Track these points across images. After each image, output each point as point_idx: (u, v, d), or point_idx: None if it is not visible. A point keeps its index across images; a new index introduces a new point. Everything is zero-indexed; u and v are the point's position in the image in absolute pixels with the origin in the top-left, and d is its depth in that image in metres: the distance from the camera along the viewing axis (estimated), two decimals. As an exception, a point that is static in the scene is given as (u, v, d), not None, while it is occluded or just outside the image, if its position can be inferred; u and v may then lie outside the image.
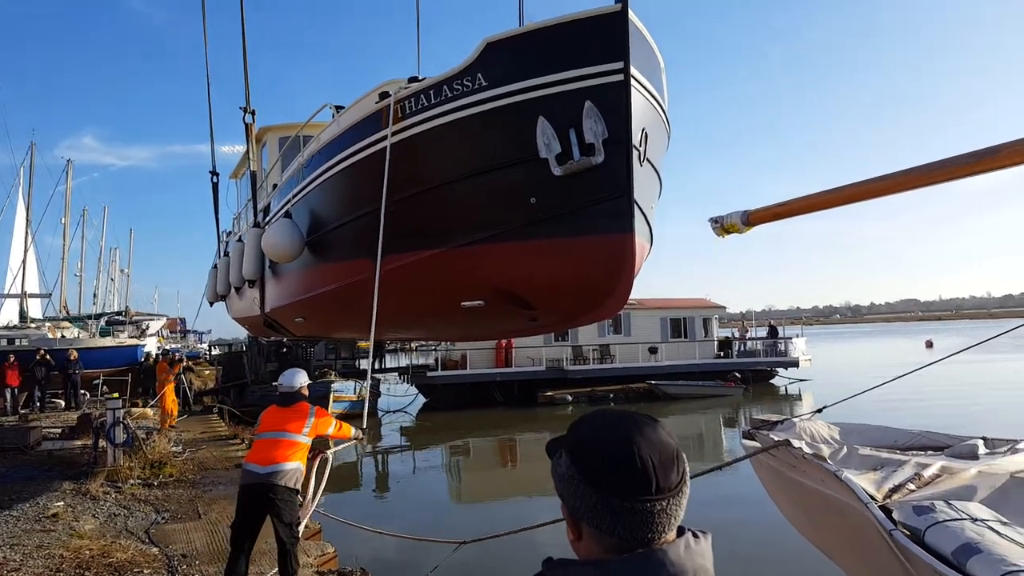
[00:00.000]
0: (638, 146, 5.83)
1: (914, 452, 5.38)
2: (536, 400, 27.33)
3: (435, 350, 30.23)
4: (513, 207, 6.24)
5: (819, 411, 6.45)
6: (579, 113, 5.65)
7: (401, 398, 28.51)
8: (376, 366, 30.69)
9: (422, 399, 29.10)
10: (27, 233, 35.11)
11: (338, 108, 9.36)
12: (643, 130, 5.87)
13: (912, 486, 4.34)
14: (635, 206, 5.91)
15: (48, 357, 21.57)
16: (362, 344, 29.83)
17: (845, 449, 5.23)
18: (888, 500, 4.17)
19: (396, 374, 31.67)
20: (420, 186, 6.76)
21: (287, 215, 10.06)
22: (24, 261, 33.54)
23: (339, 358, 31.23)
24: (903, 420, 7.51)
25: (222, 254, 13.69)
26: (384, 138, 6.96)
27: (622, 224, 5.89)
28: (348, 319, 10.56)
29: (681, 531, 1.13)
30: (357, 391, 24.82)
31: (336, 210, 8.60)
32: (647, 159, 6.09)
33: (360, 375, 28.24)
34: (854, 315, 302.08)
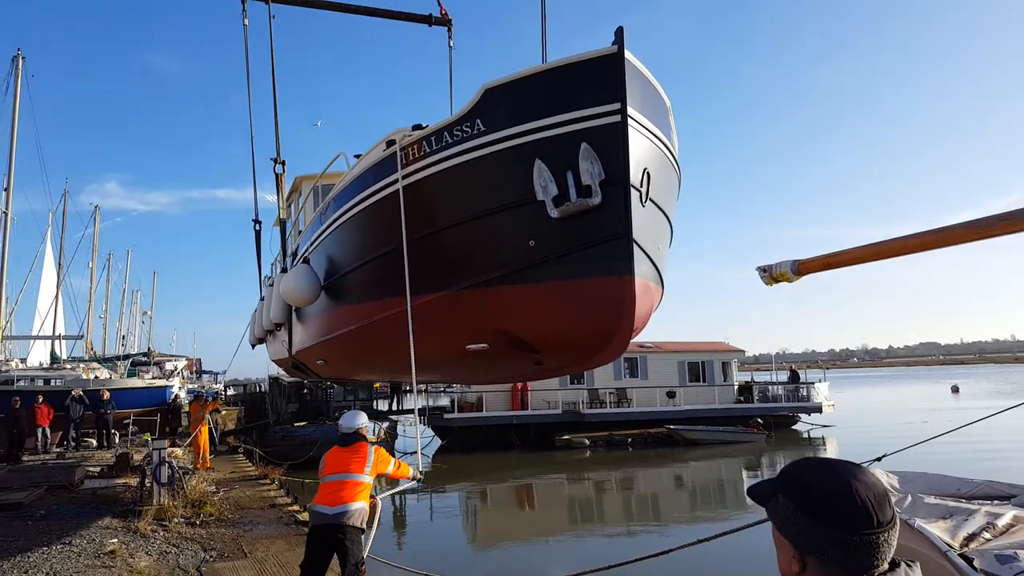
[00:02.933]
0: (639, 187, 5.82)
1: (980, 501, 5.49)
2: (553, 444, 27.29)
3: (445, 391, 30.21)
4: (513, 250, 6.28)
5: (878, 459, 6.52)
6: (575, 155, 5.69)
7: (420, 439, 28.51)
8: (393, 407, 30.88)
9: (438, 441, 29.15)
10: (58, 276, 35.91)
11: (357, 157, 9.53)
12: (645, 171, 5.87)
13: (987, 535, 4.47)
14: (636, 248, 5.89)
15: (83, 396, 22.01)
16: (377, 385, 30.03)
17: (910, 498, 5.29)
18: (966, 549, 4.30)
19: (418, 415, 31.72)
20: (423, 230, 6.86)
21: (305, 261, 10.47)
22: (56, 303, 34.25)
23: (357, 399, 31.38)
24: (949, 468, 7.63)
25: (260, 298, 14.13)
26: (390, 184, 7.16)
27: (621, 266, 5.86)
28: (364, 361, 10.81)
29: (895, 563, 1.27)
30: (376, 432, 24.96)
31: (348, 255, 8.81)
32: (651, 200, 6.07)
33: (378, 416, 28.44)
34: (872, 359, 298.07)
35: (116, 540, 9.05)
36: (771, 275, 4.90)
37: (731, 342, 34.68)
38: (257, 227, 13.80)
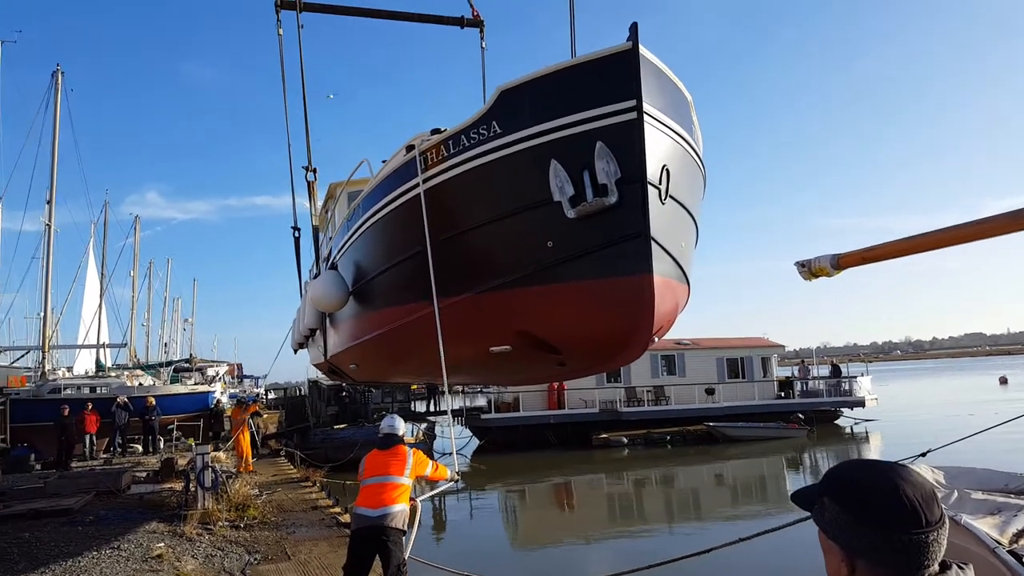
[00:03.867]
0: (657, 184, 5.75)
1: None
2: (591, 442, 27.17)
3: (482, 392, 30.29)
4: (531, 252, 6.25)
5: (923, 455, 6.35)
6: (591, 154, 5.64)
7: (456, 440, 28.65)
8: (430, 408, 31.12)
9: (476, 441, 29.26)
10: (101, 286, 36.90)
11: (385, 162, 9.84)
12: (663, 168, 5.80)
13: None
14: (655, 246, 5.82)
15: (129, 403, 22.60)
16: (414, 387, 30.29)
17: (956, 493, 5.16)
18: (1015, 545, 4.18)
19: (452, 416, 31.90)
20: (444, 234, 6.86)
21: (333, 266, 10.62)
22: (99, 312, 35.25)
23: (395, 401, 31.69)
24: (998, 462, 7.40)
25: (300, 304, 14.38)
26: (411, 189, 7.18)
27: (639, 265, 5.80)
28: (393, 364, 10.91)
29: (946, 564, 1.25)
30: (414, 433, 25.16)
31: (373, 261, 8.90)
32: (671, 197, 6.00)
33: (415, 417, 28.67)
34: (916, 351, 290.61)
35: (163, 544, 9.26)
36: (810, 270, 4.80)
37: (771, 337, 34.16)
38: (296, 234, 14.00)
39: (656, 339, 7.37)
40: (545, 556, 13.28)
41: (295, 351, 14.79)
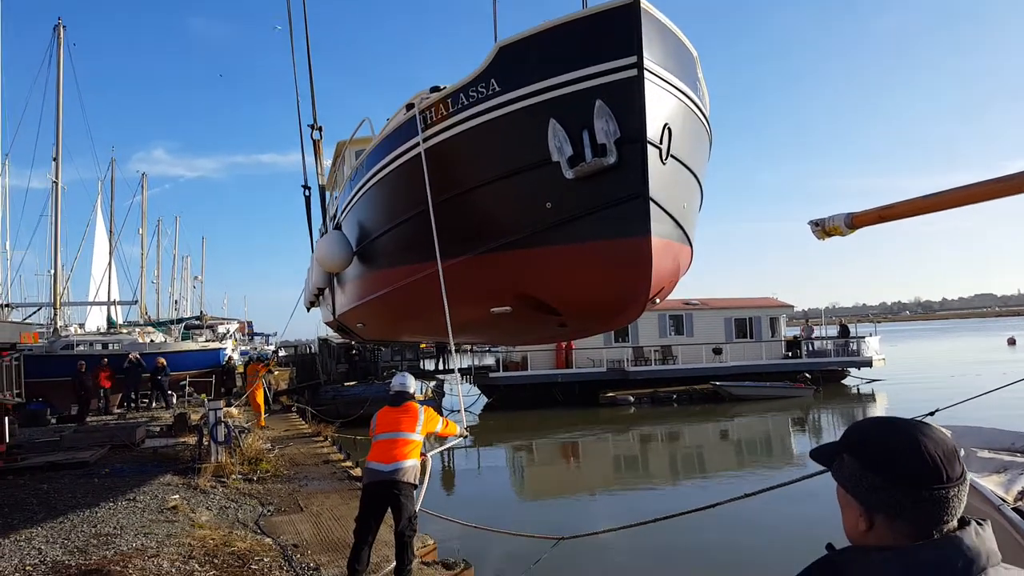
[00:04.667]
0: (658, 143, 5.62)
1: None
2: (597, 401, 27.42)
3: (490, 351, 30.46)
4: (530, 213, 6.17)
5: (931, 414, 6.38)
6: (590, 113, 5.49)
7: (465, 398, 28.93)
8: (439, 367, 31.39)
9: (484, 399, 29.57)
10: (110, 243, 37.06)
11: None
12: (665, 126, 5.65)
13: None
14: (654, 207, 5.71)
15: (141, 360, 22.90)
16: (423, 346, 30.50)
17: (962, 452, 5.21)
18: (1020, 503, 4.22)
19: (459, 374, 32.25)
20: (444, 194, 6.78)
21: (337, 227, 10.60)
22: (109, 270, 35.44)
23: (404, 359, 31.97)
24: (1005, 422, 7.42)
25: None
26: (411, 149, 7.08)
27: (637, 227, 5.71)
28: (398, 324, 10.97)
29: (965, 521, 1.25)
30: (423, 391, 25.43)
31: (375, 221, 8.85)
32: (672, 156, 5.86)
33: (424, 376, 28.96)
34: (925, 311, 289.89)
35: (177, 496, 9.45)
36: (823, 229, 4.74)
37: (780, 297, 34.09)
38: (307, 192, 13.95)
39: (657, 300, 7.36)
40: (551, 510, 13.50)
41: (308, 309, 14.92)
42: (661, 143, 5.65)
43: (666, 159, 5.76)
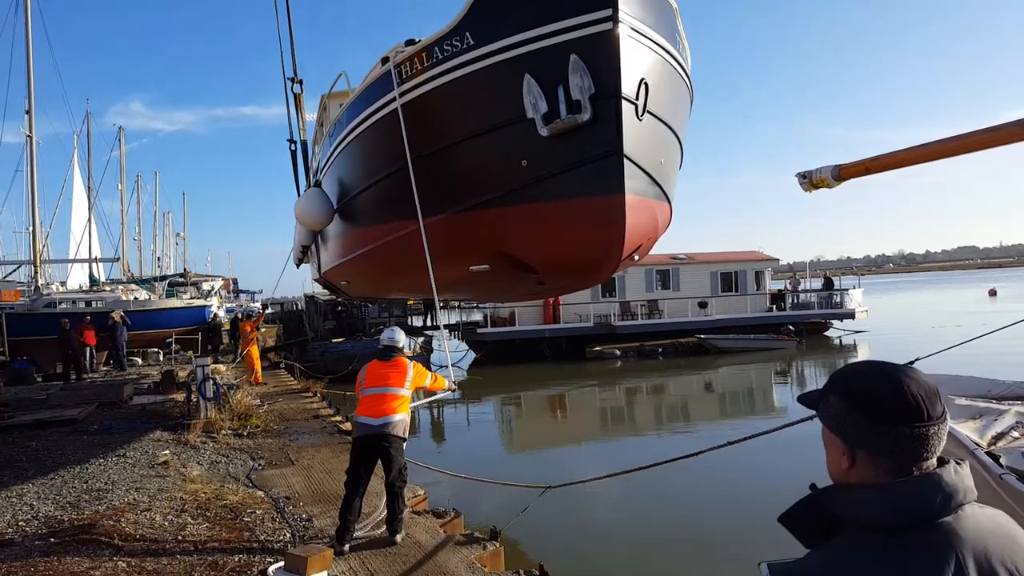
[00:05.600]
0: (633, 99, 5.54)
1: (1010, 402, 5.53)
2: (584, 355, 27.69)
3: (478, 307, 30.53)
4: (506, 171, 6.12)
5: (911, 363, 6.50)
6: (565, 68, 5.40)
7: (452, 353, 29.15)
8: (427, 323, 31.48)
9: (472, 355, 29.77)
10: (88, 199, 36.44)
11: None
12: (642, 82, 5.58)
13: (1016, 434, 4.55)
14: (629, 164, 5.67)
15: (126, 317, 22.75)
16: (411, 302, 30.54)
17: None
18: (993, 447, 4.37)
19: (447, 331, 32.38)
20: (420, 151, 6.70)
21: (317, 184, 10.46)
22: (88, 227, 34.94)
23: (392, 316, 32.04)
24: (983, 371, 7.59)
25: None
26: (387, 104, 6.95)
27: (610, 184, 5.68)
28: (381, 282, 10.94)
29: (944, 460, 1.29)
30: (411, 347, 25.56)
31: (354, 178, 8.74)
32: (650, 112, 5.79)
33: (413, 332, 29.06)
34: (908, 264, 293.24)
35: (168, 451, 9.51)
36: (811, 181, 4.74)
37: (765, 251, 34.31)
38: (292, 147, 13.74)
39: (636, 257, 7.39)
40: (539, 461, 13.74)
41: (297, 265, 14.87)
42: (637, 99, 5.58)
43: (643, 115, 5.69)
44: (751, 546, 7.09)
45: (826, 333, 32.86)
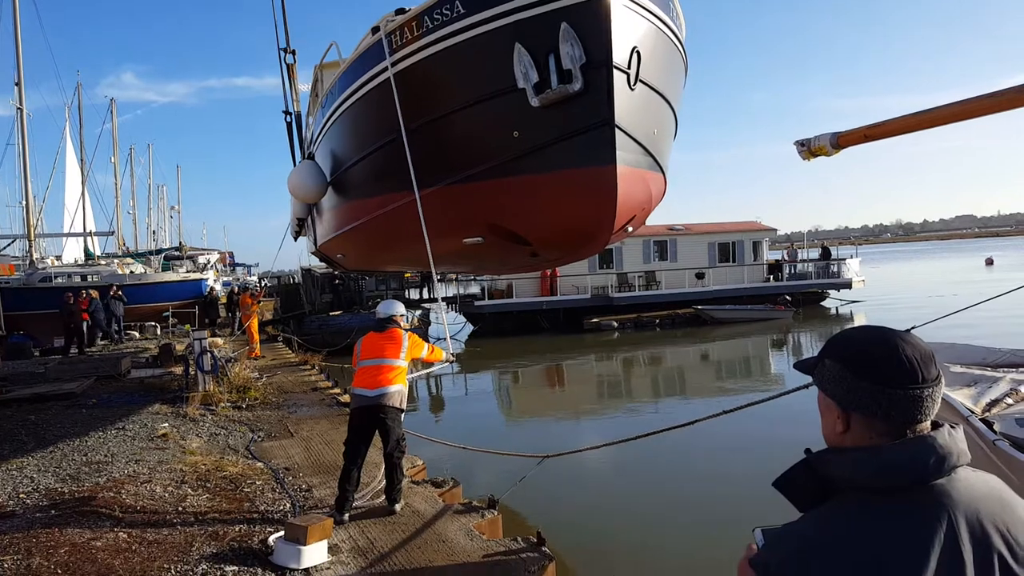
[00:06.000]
0: (625, 68, 5.49)
1: (1005, 369, 5.56)
2: (582, 327, 27.75)
3: (475, 280, 30.51)
4: (499, 142, 6.08)
5: (908, 331, 6.51)
6: (556, 37, 5.33)
7: (450, 326, 29.22)
8: (424, 296, 31.49)
9: (470, 327, 29.83)
10: (82, 172, 36.16)
11: None
12: (634, 50, 5.51)
13: (1010, 400, 4.59)
14: (621, 135, 5.62)
15: (121, 293, 22.70)
16: (408, 275, 30.52)
17: None
18: (987, 414, 4.41)
19: (444, 303, 32.40)
20: (412, 123, 6.63)
21: (310, 156, 10.36)
22: (82, 200, 34.67)
23: (389, 288, 32.03)
24: (979, 339, 7.63)
25: None
26: (379, 74, 6.85)
27: (602, 155, 5.64)
28: (376, 254, 10.91)
29: (938, 424, 1.30)
30: (409, 320, 25.60)
31: (346, 150, 8.66)
32: (642, 82, 5.73)
33: (410, 304, 29.07)
34: (906, 233, 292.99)
35: (167, 424, 9.56)
36: (809, 149, 4.70)
37: (763, 221, 34.23)
38: (288, 119, 13.61)
39: (630, 228, 7.36)
40: (537, 431, 13.84)
41: (295, 238, 14.83)
42: (629, 68, 5.51)
43: (635, 85, 5.63)
44: (746, 513, 7.18)
45: (823, 303, 32.96)
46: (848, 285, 32.04)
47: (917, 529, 1.19)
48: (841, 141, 4.55)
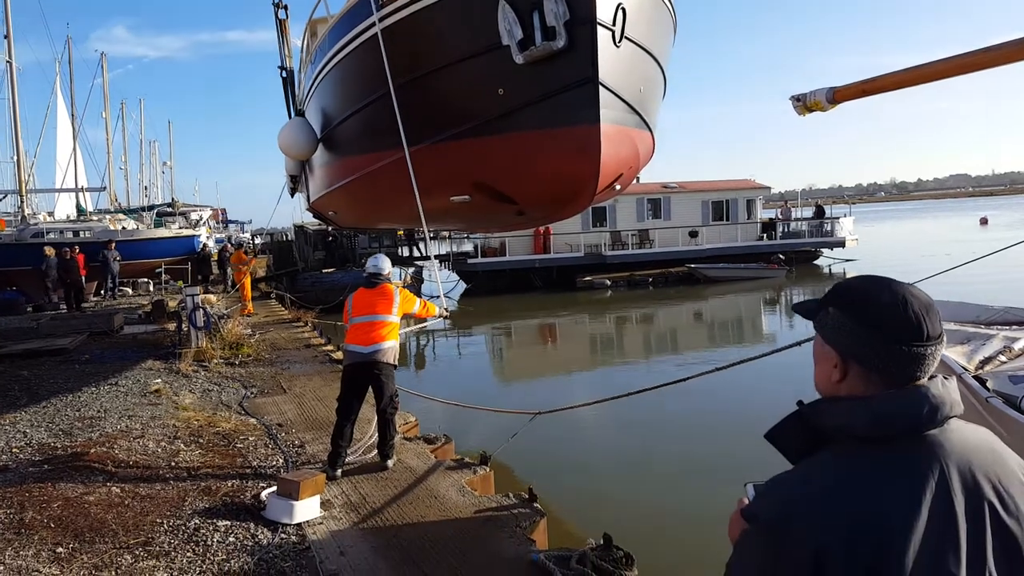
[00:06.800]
0: (610, 25, 5.44)
1: (998, 327, 5.56)
2: (575, 285, 27.76)
3: (468, 237, 30.35)
4: (484, 100, 6.06)
5: (914, 285, 6.50)
6: None
7: (443, 284, 29.15)
8: (416, 253, 31.38)
9: (463, 285, 29.81)
10: (73, 128, 35.60)
11: None
12: (619, 7, 5.46)
13: (1003, 358, 4.61)
14: (605, 92, 5.58)
15: (115, 251, 22.59)
16: (401, 232, 30.37)
17: None
18: (980, 371, 4.43)
19: (437, 261, 32.29)
20: (400, 79, 6.57)
21: (300, 113, 10.22)
22: (74, 155, 34.23)
23: (382, 246, 31.88)
24: (972, 297, 7.64)
25: None
26: (367, 29, 6.79)
27: (585, 113, 5.61)
28: (367, 212, 10.87)
29: (931, 375, 1.28)
30: (402, 277, 25.55)
31: (335, 107, 8.58)
32: (628, 39, 5.68)
33: (402, 262, 28.98)
34: (900, 192, 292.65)
35: (160, 380, 9.57)
36: (805, 104, 4.61)
37: (757, 179, 34.01)
38: (283, 74, 13.35)
39: (619, 187, 7.32)
40: (529, 388, 13.97)
41: (292, 195, 14.73)
42: (614, 25, 5.45)
43: (620, 41, 5.57)
44: (738, 469, 7.29)
45: (816, 262, 33.01)
46: (842, 244, 32.06)
47: (909, 478, 1.18)
48: (837, 96, 4.47)
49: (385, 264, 6.27)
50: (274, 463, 6.31)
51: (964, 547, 1.15)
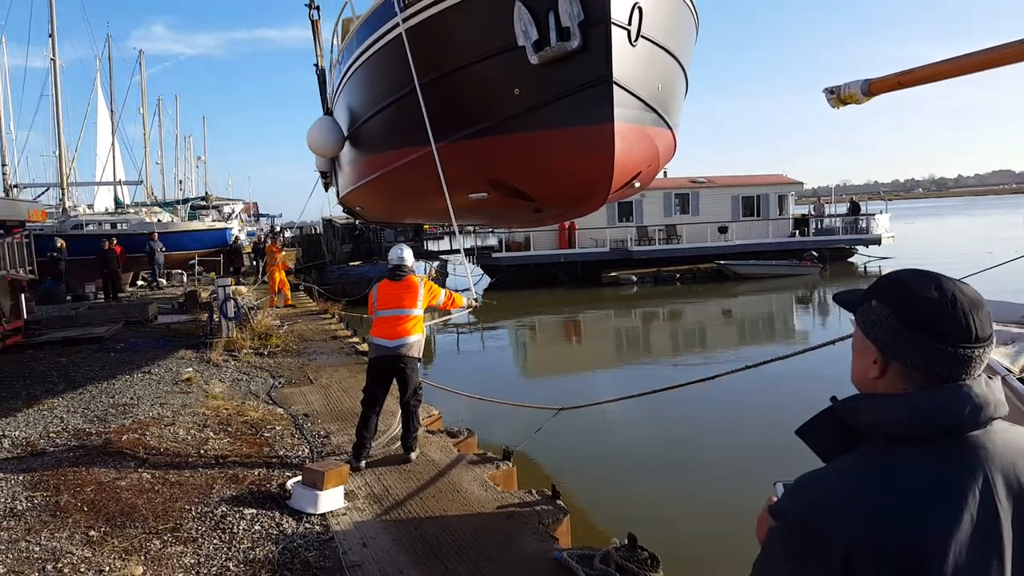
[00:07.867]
0: (625, 24, 5.47)
1: None
2: (600, 280, 27.54)
3: (493, 232, 30.31)
4: (500, 100, 6.18)
5: (963, 280, 6.34)
6: None
7: (467, 278, 29.14)
8: (440, 248, 31.50)
9: (488, 280, 29.82)
10: (112, 123, 36.42)
11: None
12: (635, 6, 5.48)
13: None
14: (620, 91, 5.63)
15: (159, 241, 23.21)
16: (426, 227, 30.49)
17: None
18: None
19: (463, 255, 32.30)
20: (422, 78, 6.68)
21: (328, 112, 10.39)
22: (112, 150, 35.03)
23: (408, 240, 32.07)
24: (1016, 297, 7.42)
25: None
26: (391, 30, 6.91)
27: (599, 113, 5.66)
28: (392, 207, 11.07)
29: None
30: (427, 271, 25.69)
31: (360, 105, 8.78)
32: (644, 37, 5.72)
33: (428, 256, 29.12)
34: (939, 188, 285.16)
35: (191, 369, 9.75)
36: (839, 97, 4.50)
37: (789, 174, 33.42)
38: (318, 72, 13.54)
39: (637, 184, 7.31)
40: (553, 384, 13.92)
41: (326, 189, 14.96)
42: (630, 24, 5.48)
43: (636, 40, 5.60)
44: (767, 469, 7.18)
45: (851, 259, 32.30)
46: (877, 241, 31.27)
47: (949, 481, 1.11)
48: (873, 88, 4.36)
49: (408, 255, 6.29)
50: (300, 453, 6.39)
51: (1009, 560, 1.08)
